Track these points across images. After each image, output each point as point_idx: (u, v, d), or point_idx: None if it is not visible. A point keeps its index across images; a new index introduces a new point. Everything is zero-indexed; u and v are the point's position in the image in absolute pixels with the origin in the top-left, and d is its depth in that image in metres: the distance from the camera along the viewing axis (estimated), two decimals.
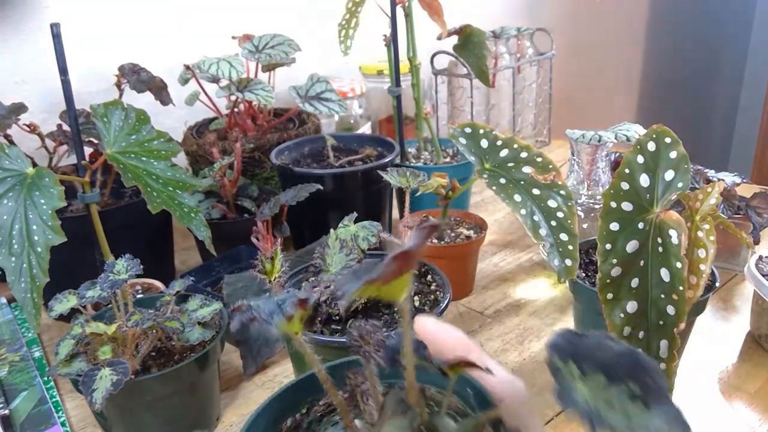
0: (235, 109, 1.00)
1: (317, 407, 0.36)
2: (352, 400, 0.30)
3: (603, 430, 0.22)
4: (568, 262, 0.62)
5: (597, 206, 0.83)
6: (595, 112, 2.07)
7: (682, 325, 0.52)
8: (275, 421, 0.34)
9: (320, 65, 1.26)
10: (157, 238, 0.88)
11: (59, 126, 0.86)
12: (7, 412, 0.61)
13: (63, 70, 0.65)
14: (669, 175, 0.56)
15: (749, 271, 0.69)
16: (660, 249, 0.54)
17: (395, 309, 0.56)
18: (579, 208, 0.83)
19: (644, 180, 0.57)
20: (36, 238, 0.59)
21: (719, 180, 0.70)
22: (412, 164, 1.02)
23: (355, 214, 0.67)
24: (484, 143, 0.71)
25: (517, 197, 0.67)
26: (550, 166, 0.68)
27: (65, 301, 0.57)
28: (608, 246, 0.56)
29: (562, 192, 0.66)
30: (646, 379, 0.24)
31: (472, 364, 0.27)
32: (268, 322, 0.27)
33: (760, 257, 0.71)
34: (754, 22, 2.64)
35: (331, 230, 0.62)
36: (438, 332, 0.31)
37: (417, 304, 0.61)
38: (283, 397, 0.34)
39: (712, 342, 0.72)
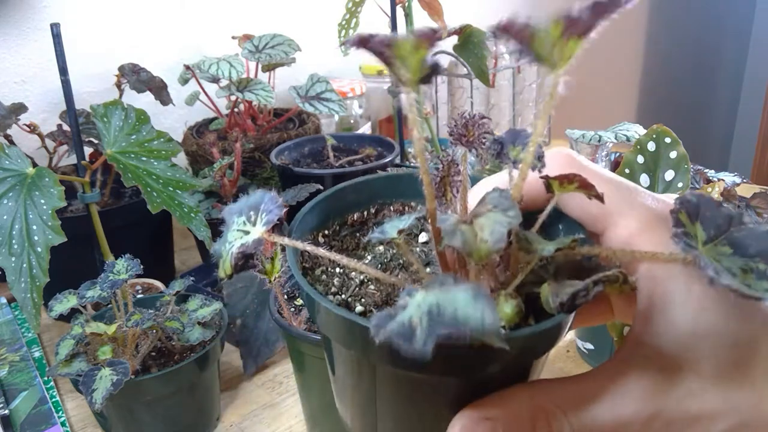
0: (235, 109, 1.00)
1: (387, 211, 0.36)
2: (438, 190, 0.28)
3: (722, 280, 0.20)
4: None
5: None
6: (595, 112, 2.07)
7: None
8: (343, 209, 0.34)
9: (320, 65, 1.27)
10: (157, 238, 0.88)
11: (59, 126, 0.86)
12: (7, 412, 0.61)
13: (63, 70, 0.65)
14: (669, 175, 0.56)
15: None
16: None
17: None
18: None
19: (644, 180, 0.57)
20: (36, 238, 0.59)
21: (719, 180, 0.70)
22: (412, 164, 1.02)
23: None
24: None
25: None
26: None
27: (65, 301, 0.57)
28: None
29: None
30: None
31: (586, 185, 0.25)
32: None
33: None
34: (754, 23, 2.64)
35: None
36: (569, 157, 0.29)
37: None
38: (354, 189, 0.35)
39: None
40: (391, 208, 0.36)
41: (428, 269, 0.31)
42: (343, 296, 0.30)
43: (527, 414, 0.25)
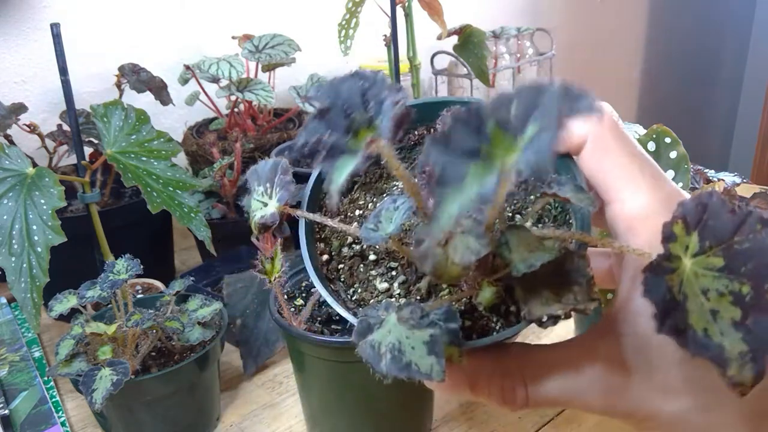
0: (235, 109, 1.00)
1: (411, 135, 0.36)
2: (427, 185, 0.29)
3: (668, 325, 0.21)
4: None
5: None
6: None
7: None
8: None
9: (320, 65, 1.26)
10: (157, 238, 0.88)
11: (59, 126, 0.86)
12: (7, 412, 0.61)
13: (63, 70, 0.65)
14: (669, 175, 0.56)
15: None
16: None
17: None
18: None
19: None
20: (36, 238, 0.59)
21: (719, 180, 0.70)
22: None
23: None
24: None
25: None
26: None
27: (65, 301, 0.57)
28: None
29: None
30: (765, 287, 0.20)
31: (565, 200, 0.26)
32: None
33: None
34: (754, 23, 2.64)
35: None
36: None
37: None
38: None
39: None
40: (416, 132, 0.36)
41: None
42: (358, 246, 0.32)
43: (488, 373, 0.27)
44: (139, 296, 0.70)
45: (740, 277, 0.21)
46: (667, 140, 0.57)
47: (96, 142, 0.85)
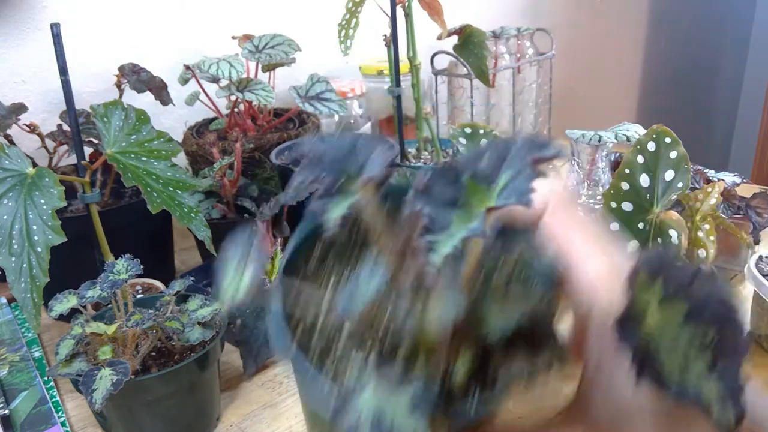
0: (235, 109, 1.00)
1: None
2: (401, 250, 0.28)
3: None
4: None
5: (597, 206, 0.82)
6: (595, 112, 2.07)
7: None
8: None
9: (320, 65, 1.26)
10: (157, 238, 0.88)
11: (59, 126, 0.86)
12: (7, 412, 0.61)
13: (63, 70, 0.65)
14: (669, 175, 0.56)
15: (749, 271, 0.69)
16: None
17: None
18: (579, 208, 0.83)
19: (644, 180, 0.57)
20: (36, 238, 0.59)
21: (719, 180, 0.70)
22: (412, 164, 1.02)
23: None
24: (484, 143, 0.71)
25: None
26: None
27: (65, 301, 0.57)
28: None
29: None
30: (728, 331, 0.21)
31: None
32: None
33: (760, 257, 0.71)
34: (754, 23, 2.64)
35: None
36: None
37: None
38: None
39: None
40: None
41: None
42: (333, 315, 0.31)
43: None
44: (139, 296, 0.70)
45: (705, 322, 0.22)
46: (667, 140, 0.57)
47: (96, 142, 0.85)
